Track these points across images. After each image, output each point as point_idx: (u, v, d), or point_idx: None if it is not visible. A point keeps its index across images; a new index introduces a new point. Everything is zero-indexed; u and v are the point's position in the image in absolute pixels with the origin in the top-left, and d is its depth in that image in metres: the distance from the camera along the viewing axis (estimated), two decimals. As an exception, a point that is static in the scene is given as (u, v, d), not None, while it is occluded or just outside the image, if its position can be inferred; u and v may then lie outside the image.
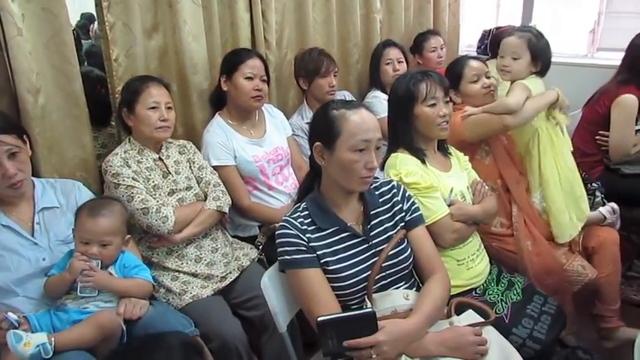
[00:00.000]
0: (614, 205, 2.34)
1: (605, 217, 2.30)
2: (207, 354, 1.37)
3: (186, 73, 2.29)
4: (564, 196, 2.15)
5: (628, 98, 2.60)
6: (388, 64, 3.00)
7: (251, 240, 2.25)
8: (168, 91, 2.03)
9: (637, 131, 2.73)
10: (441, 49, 3.30)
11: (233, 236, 2.22)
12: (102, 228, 1.62)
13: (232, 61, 2.26)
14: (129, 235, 1.75)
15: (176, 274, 1.92)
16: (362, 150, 1.44)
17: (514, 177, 2.20)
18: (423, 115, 1.81)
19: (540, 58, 2.12)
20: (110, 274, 1.66)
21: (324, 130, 1.47)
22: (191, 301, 1.86)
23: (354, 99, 2.89)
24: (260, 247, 2.21)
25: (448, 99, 1.84)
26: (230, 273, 2.00)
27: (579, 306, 2.22)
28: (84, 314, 1.58)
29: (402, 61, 3.03)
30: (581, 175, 2.35)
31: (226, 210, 2.05)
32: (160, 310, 1.74)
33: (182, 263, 1.94)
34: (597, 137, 2.75)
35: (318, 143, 1.49)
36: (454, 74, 2.23)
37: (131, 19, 2.09)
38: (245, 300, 1.97)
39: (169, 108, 1.98)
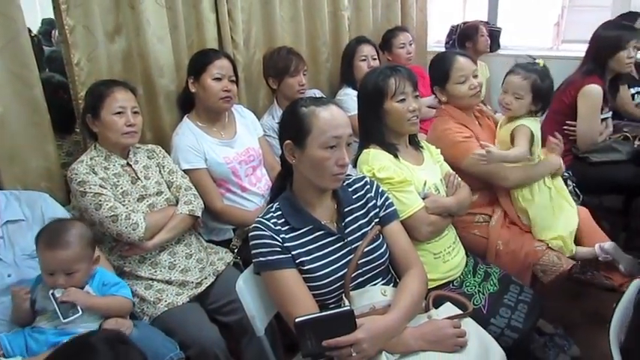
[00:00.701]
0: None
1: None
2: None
3: (152, 76, 2.24)
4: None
5: (593, 88, 2.65)
6: (363, 60, 3.01)
7: (226, 244, 2.22)
8: (134, 94, 1.98)
9: (603, 120, 2.80)
10: (410, 45, 3.32)
11: (207, 241, 2.18)
12: (62, 259, 1.50)
13: (200, 62, 2.22)
14: (97, 254, 1.65)
15: (150, 282, 1.88)
16: (333, 147, 1.42)
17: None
18: (393, 110, 1.80)
19: (542, 99, 2.15)
20: (87, 292, 1.58)
21: (293, 128, 1.45)
22: (166, 309, 1.82)
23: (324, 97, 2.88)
24: (235, 251, 2.18)
25: (417, 94, 1.84)
26: (205, 278, 1.96)
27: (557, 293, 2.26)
28: (62, 336, 1.49)
29: (375, 58, 3.05)
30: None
31: (199, 214, 2.01)
32: (143, 331, 1.67)
33: (155, 271, 1.90)
34: (565, 127, 2.79)
35: (288, 141, 1.47)
36: (441, 72, 2.20)
37: (92, 21, 2.03)
38: (222, 305, 1.93)
39: (136, 112, 1.93)
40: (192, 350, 1.73)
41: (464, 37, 3.64)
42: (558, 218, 2.15)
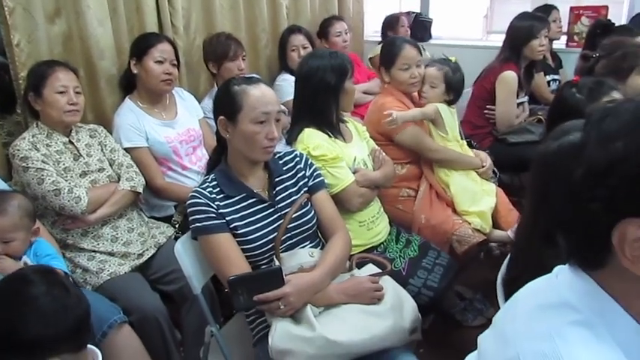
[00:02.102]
0: None
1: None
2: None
3: (92, 59, 2.31)
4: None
5: (509, 75, 2.90)
6: (293, 50, 3.13)
7: (167, 219, 2.32)
8: (77, 75, 2.05)
9: (519, 104, 3.05)
10: (346, 33, 3.48)
11: (149, 217, 2.27)
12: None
13: (142, 45, 2.30)
14: (36, 226, 1.73)
15: (92, 254, 1.97)
16: (263, 122, 1.56)
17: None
18: (350, 89, 1.99)
19: (453, 89, 2.37)
20: (25, 263, 1.66)
21: (227, 105, 1.58)
22: (109, 278, 1.92)
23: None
24: (176, 226, 2.29)
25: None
26: (147, 250, 2.07)
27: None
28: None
29: (306, 47, 3.16)
30: (473, 146, 2.62)
31: (140, 190, 2.10)
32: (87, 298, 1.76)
33: (98, 244, 1.99)
34: (485, 111, 3.04)
35: (221, 117, 1.60)
36: (389, 56, 2.37)
37: (31, 3, 2.08)
38: (163, 275, 2.05)
39: (78, 92, 2.01)
40: (135, 316, 1.83)
41: (386, 27, 3.86)
42: (477, 193, 2.37)
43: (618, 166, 0.64)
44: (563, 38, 3.75)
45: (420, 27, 3.97)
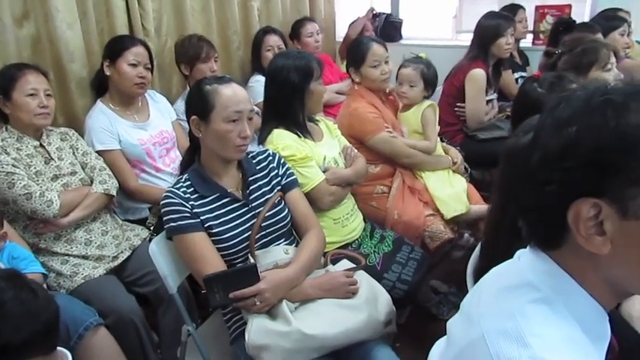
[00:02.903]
0: None
1: None
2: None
3: (62, 61, 2.30)
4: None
5: (477, 72, 2.96)
6: (269, 50, 3.14)
7: (142, 222, 2.31)
8: (47, 78, 2.04)
9: (488, 101, 3.12)
10: (318, 34, 3.50)
11: (124, 220, 2.26)
12: None
13: (116, 47, 2.29)
14: (4, 230, 1.71)
15: (66, 257, 1.95)
16: (235, 120, 1.58)
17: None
18: (317, 91, 2.00)
19: (430, 84, 2.47)
20: None
21: (199, 104, 1.59)
22: (83, 281, 1.90)
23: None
24: (151, 228, 2.28)
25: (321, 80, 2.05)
26: (122, 252, 2.06)
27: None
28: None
29: (281, 47, 3.19)
30: (445, 141, 2.69)
31: (114, 193, 2.10)
32: (62, 301, 1.69)
33: (71, 247, 1.97)
34: (456, 109, 3.10)
35: (194, 117, 1.61)
36: (358, 55, 2.41)
37: (-1, 7, 2.06)
38: (139, 277, 2.04)
39: (48, 95, 1.99)
40: (110, 318, 1.82)
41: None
42: (449, 178, 2.46)
43: (571, 149, 0.68)
44: (530, 36, 3.84)
45: (391, 28, 4.02)
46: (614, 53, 1.91)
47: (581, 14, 3.72)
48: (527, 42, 3.85)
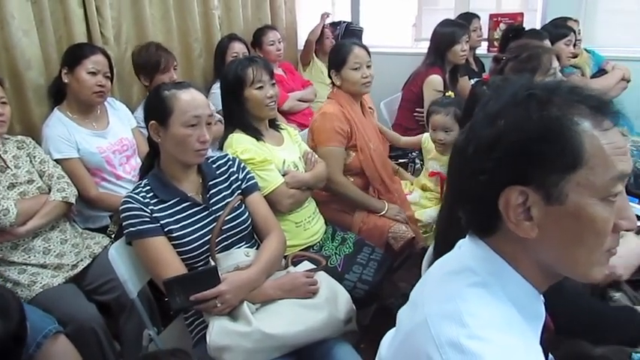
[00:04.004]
0: None
1: None
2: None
3: (18, 69, 2.27)
4: None
5: (434, 78, 3.06)
6: (234, 57, 3.16)
7: (103, 230, 2.29)
8: (2, 86, 2.01)
9: (446, 106, 3.21)
10: (279, 42, 3.55)
11: (84, 228, 2.24)
12: None
13: (75, 55, 2.27)
14: None
15: (23, 267, 1.92)
16: (194, 125, 1.59)
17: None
18: (252, 97, 2.01)
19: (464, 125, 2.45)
20: None
21: (157, 109, 1.61)
22: (41, 290, 1.88)
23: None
24: (112, 236, 2.26)
25: (274, 82, 2.06)
26: (81, 261, 2.04)
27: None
28: None
29: (246, 54, 3.22)
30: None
31: (72, 200, 2.07)
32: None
33: (29, 256, 1.94)
34: (415, 114, 3.18)
35: (153, 122, 1.62)
36: (339, 57, 2.40)
37: (-48, 14, 2.03)
38: (99, 285, 2.02)
39: (4, 103, 1.97)
40: (70, 327, 1.80)
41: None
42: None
43: (500, 141, 0.74)
44: (485, 44, 3.97)
45: (351, 36, 4.08)
46: (557, 58, 2.01)
47: (533, 22, 3.87)
48: (482, 49, 3.98)
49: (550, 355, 0.90)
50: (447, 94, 3.12)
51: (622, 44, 3.76)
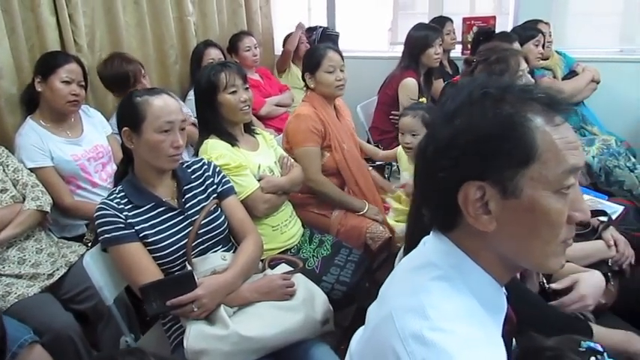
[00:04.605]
0: None
1: None
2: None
3: (-11, 78, 2.25)
4: None
5: (409, 81, 3.10)
6: (210, 63, 3.17)
7: (79, 239, 2.27)
8: None
9: (421, 109, 3.26)
10: (255, 48, 3.57)
11: (60, 237, 2.22)
12: None
13: (49, 64, 2.26)
14: None
15: (-2, 277, 1.91)
16: (167, 131, 1.60)
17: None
18: (226, 102, 2.02)
19: None
20: None
21: (130, 116, 1.61)
22: (17, 300, 1.86)
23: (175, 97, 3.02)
24: (89, 244, 2.25)
25: (247, 86, 2.07)
26: (57, 270, 2.03)
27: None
28: None
29: (222, 60, 3.23)
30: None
31: (47, 209, 2.06)
32: None
33: (4, 267, 1.92)
34: (390, 116, 3.22)
35: (126, 128, 1.62)
36: (313, 60, 2.43)
37: None
38: (76, 294, 2.01)
39: None
40: (47, 337, 1.78)
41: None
42: None
43: (457, 139, 0.76)
44: (459, 47, 4.04)
45: (328, 40, 4.11)
46: (525, 59, 2.06)
47: (505, 25, 3.95)
48: (456, 52, 4.04)
49: (514, 344, 0.93)
50: (420, 99, 3.17)
51: (592, 46, 3.87)
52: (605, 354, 0.86)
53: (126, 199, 1.63)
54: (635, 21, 3.94)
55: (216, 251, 1.73)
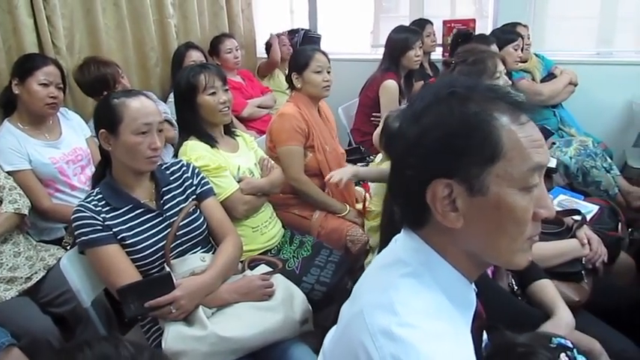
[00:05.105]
0: None
1: None
2: None
3: (-35, 80, 2.22)
4: None
5: (390, 83, 3.13)
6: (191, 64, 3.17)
7: (58, 242, 2.26)
8: None
9: (402, 110, 3.29)
10: (237, 50, 3.57)
11: (39, 241, 2.20)
12: None
13: (26, 66, 2.24)
14: None
15: (-26, 281, 1.89)
16: (145, 132, 1.60)
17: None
18: (205, 103, 2.02)
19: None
20: None
21: (107, 118, 1.60)
22: (-6, 304, 1.85)
23: (157, 100, 3.01)
24: (68, 247, 2.23)
25: (227, 87, 2.07)
26: (35, 273, 2.01)
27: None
28: None
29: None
30: (362, 151, 2.80)
31: (25, 212, 2.04)
32: None
33: (-19, 270, 1.91)
34: (372, 118, 3.24)
35: (103, 130, 1.62)
36: (301, 60, 2.44)
37: None
38: (55, 297, 2.00)
39: None
40: (25, 340, 1.77)
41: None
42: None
43: (424, 137, 0.78)
44: (440, 49, 4.07)
45: (309, 42, 4.13)
46: (502, 62, 2.09)
47: (485, 28, 4.00)
48: (437, 54, 4.08)
49: (485, 338, 0.94)
50: (402, 101, 3.20)
51: (570, 48, 3.93)
52: (574, 350, 0.88)
53: (103, 202, 1.62)
54: (611, 24, 4.01)
55: (195, 252, 1.73)
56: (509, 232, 0.78)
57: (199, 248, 1.75)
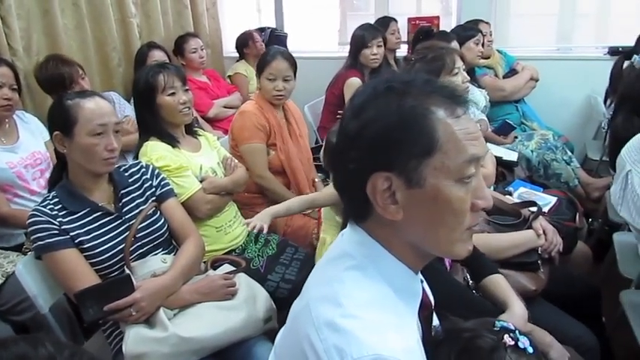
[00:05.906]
0: None
1: None
2: None
3: None
4: None
5: (353, 80, 3.15)
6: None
7: (18, 249, 2.21)
8: None
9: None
10: (202, 49, 3.55)
11: (-3, 248, 2.16)
12: None
13: None
14: None
15: None
16: (100, 134, 1.58)
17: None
18: (165, 103, 2.00)
19: None
20: None
21: (61, 120, 1.58)
22: (-50, 313, 1.80)
23: (122, 100, 2.98)
24: (27, 254, 2.19)
25: (187, 88, 2.06)
26: (-6, 280, 1.97)
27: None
28: None
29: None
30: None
31: (-19, 218, 2.00)
32: None
33: None
34: (338, 116, 3.25)
35: (57, 132, 1.59)
36: (261, 64, 2.44)
37: None
38: (14, 304, 1.95)
39: None
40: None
41: (241, 44, 4.01)
42: None
43: (364, 131, 0.79)
44: (405, 46, 4.11)
45: (276, 41, 4.14)
46: (461, 57, 2.12)
47: (449, 25, 4.05)
48: (403, 52, 4.11)
49: (437, 324, 0.97)
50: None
51: (531, 45, 4.02)
52: (517, 331, 0.90)
53: (60, 205, 1.59)
54: (571, 21, 4.12)
55: (156, 254, 1.71)
56: (447, 223, 0.79)
57: (160, 250, 1.74)
